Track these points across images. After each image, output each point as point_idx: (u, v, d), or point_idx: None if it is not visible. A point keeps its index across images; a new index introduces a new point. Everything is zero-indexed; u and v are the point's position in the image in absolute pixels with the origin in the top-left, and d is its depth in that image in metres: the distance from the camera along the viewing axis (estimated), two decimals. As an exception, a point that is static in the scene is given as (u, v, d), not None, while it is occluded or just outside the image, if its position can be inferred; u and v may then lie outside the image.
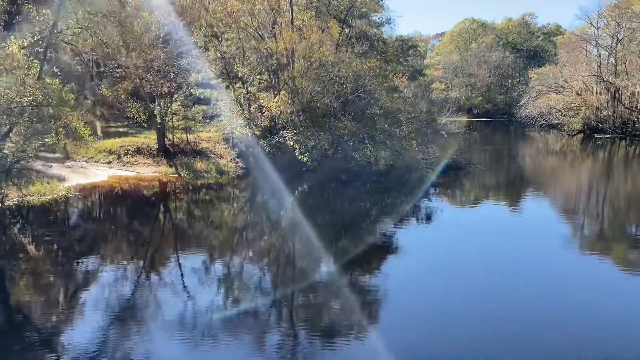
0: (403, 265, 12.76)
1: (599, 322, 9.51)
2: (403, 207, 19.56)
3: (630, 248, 14.91)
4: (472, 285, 11.24)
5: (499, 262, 12.98)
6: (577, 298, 10.66)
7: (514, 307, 10.06)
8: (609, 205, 21.91)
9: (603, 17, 56.81)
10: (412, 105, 28.57)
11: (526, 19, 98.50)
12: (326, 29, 25.13)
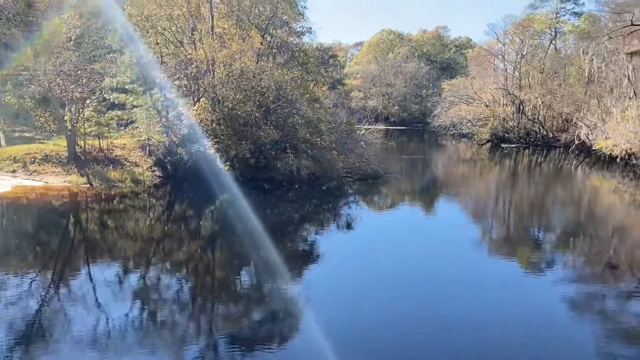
0: (324, 272, 12.99)
1: (502, 319, 10.17)
2: (324, 215, 19.91)
3: (533, 250, 16.05)
4: (390, 289, 11.62)
5: (414, 265, 13.53)
6: (485, 297, 11.32)
7: (427, 306, 10.58)
8: (514, 210, 23.47)
9: (508, 34, 60.91)
10: (332, 114, 29.16)
11: (440, 32, 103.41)
12: (247, 37, 25.07)
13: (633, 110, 36.07)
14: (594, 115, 41.98)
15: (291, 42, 30.87)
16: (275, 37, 29.82)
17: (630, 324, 10.36)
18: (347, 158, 25.21)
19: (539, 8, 73.63)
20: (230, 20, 26.30)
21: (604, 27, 46.26)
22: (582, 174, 35.81)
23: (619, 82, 42.46)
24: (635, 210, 23.10)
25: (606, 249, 16.51)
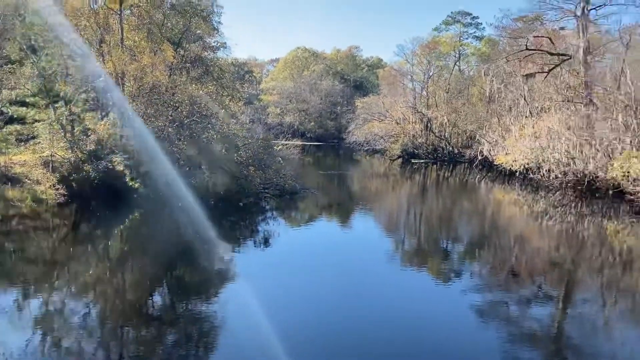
0: (241, 290, 12.79)
1: (414, 326, 10.54)
2: (241, 232, 19.68)
3: (442, 260, 16.80)
4: (308, 304, 11.67)
5: (331, 280, 13.68)
6: (399, 307, 11.66)
7: (343, 317, 10.71)
8: (425, 222, 24.49)
9: (416, 55, 63.95)
10: (249, 130, 29.03)
11: (352, 51, 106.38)
12: (159, 51, 24.45)
13: (529, 128, 38.99)
14: (495, 133, 44.88)
15: (205, 56, 30.48)
16: (189, 51, 29.31)
17: (531, 328, 11.09)
18: (265, 174, 25.16)
19: (443, 31, 78.11)
20: (141, 33, 25.55)
21: (503, 51, 49.87)
22: (485, 187, 38.09)
23: (516, 102, 45.83)
24: (534, 221, 24.87)
25: (508, 258, 17.62)
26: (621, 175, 27.44)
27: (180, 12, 26.66)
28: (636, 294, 13.86)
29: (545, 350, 9.95)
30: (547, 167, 33.87)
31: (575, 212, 26.29)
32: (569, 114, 35.87)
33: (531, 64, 44.35)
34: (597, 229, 22.52)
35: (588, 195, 29.90)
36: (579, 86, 38.63)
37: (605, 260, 17.43)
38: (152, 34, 25.70)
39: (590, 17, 38.57)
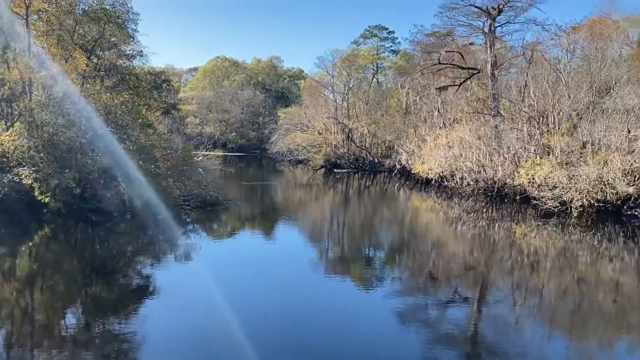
0: (160, 306, 12.38)
1: (338, 332, 10.69)
2: (160, 246, 19.05)
3: (365, 267, 17.17)
4: (231, 317, 11.48)
5: (256, 289, 13.57)
6: (323, 314, 11.78)
7: (271, 324, 10.66)
8: (348, 231, 24.93)
9: (336, 67, 65.25)
10: (167, 140, 28.25)
11: (273, 62, 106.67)
12: (71, 58, 23.28)
13: (443, 138, 40.85)
14: (412, 143, 46.59)
15: (121, 65, 29.35)
16: (103, 59, 28.12)
17: (449, 329, 11.58)
18: (185, 185, 24.56)
19: (361, 44, 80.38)
20: (51, 39, 24.22)
21: (417, 65, 52.01)
22: (404, 195, 39.40)
23: (431, 113, 47.90)
24: (449, 226, 26.03)
25: (426, 263, 18.32)
26: (527, 182, 29.38)
27: (94, 18, 25.50)
28: (543, 293, 14.86)
29: (463, 351, 10.41)
30: (460, 175, 35.61)
31: (486, 217, 27.81)
32: (479, 124, 37.98)
33: (444, 77, 46.63)
34: (507, 232, 23.94)
35: (498, 200, 31.74)
36: (487, 98, 41.09)
37: (515, 261, 18.56)
38: (62, 40, 24.40)
39: (497, 34, 41.21)
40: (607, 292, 14.85)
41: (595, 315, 12.86)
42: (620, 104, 29.11)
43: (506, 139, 33.43)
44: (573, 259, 19.10)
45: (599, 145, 28.29)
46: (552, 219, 25.78)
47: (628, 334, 11.96)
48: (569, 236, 22.74)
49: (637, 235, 23.21)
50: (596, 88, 31.72)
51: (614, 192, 25.90)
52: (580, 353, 10.80)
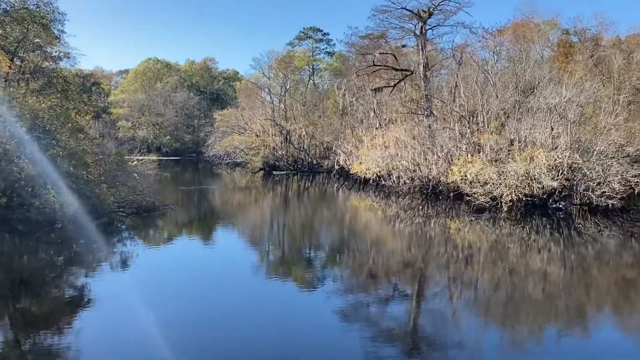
0: (97, 317, 11.91)
1: (282, 332, 10.70)
2: (95, 255, 18.30)
3: (306, 268, 17.25)
4: (173, 324, 11.24)
5: (196, 294, 13.33)
6: (267, 314, 11.74)
7: (212, 327, 10.51)
8: (288, 232, 24.95)
9: (272, 68, 65.14)
10: (99, 145, 27.20)
11: (208, 64, 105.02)
12: (-10, 60, 21.95)
13: (379, 138, 41.70)
14: (349, 143, 47.24)
15: (47, 67, 27.92)
16: (28, 62, 26.68)
17: (389, 325, 11.85)
18: (119, 191, 23.75)
19: (297, 46, 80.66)
20: (-33, 40, 22.76)
21: (353, 66, 52.83)
22: (343, 195, 39.88)
23: (367, 114, 48.79)
24: (387, 224, 26.60)
25: (366, 261, 18.64)
26: (460, 179, 30.51)
27: (16, 19, 24.14)
28: (477, 285, 15.49)
29: (403, 345, 10.69)
30: (396, 174, 36.49)
31: (422, 214, 28.64)
32: (414, 124, 39.08)
33: (379, 78, 47.61)
34: (442, 228, 24.76)
35: (433, 198, 32.78)
36: (420, 99, 42.33)
37: (450, 256, 19.23)
38: (-20, 41, 22.98)
39: (428, 37, 42.55)
40: (536, 282, 15.67)
41: (526, 304, 13.54)
42: (543, 103, 30.80)
43: (439, 138, 34.57)
44: (504, 251, 20.02)
45: (525, 142, 29.80)
46: (484, 213, 26.92)
47: (556, 320, 12.68)
48: (500, 230, 23.82)
49: (562, 227, 24.64)
50: (521, 88, 33.39)
51: (540, 186, 27.40)
52: (513, 341, 11.34)
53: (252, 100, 67.45)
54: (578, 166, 27.97)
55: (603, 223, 25.74)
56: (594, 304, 14.29)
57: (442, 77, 47.59)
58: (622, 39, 47.05)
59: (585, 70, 39.39)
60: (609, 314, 13.57)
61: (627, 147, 30.76)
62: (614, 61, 39.84)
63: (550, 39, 51.23)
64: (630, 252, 20.58)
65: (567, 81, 32.40)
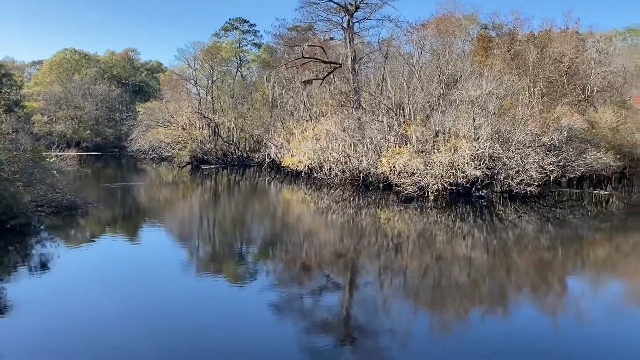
0: (16, 326, 11.15)
1: (216, 331, 10.49)
2: (10, 258, 17.13)
3: (238, 263, 17.01)
4: (99, 328, 10.72)
5: (123, 296, 12.80)
6: (199, 311, 11.46)
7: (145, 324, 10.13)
8: (219, 228, 24.50)
9: (198, 60, 63.56)
10: (12, 141, 25.40)
11: (129, 54, 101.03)
12: None
13: (310, 131, 41.83)
14: (280, 136, 47.08)
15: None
16: None
17: (323, 316, 11.91)
18: (37, 190, 22.34)
19: (223, 37, 79.21)
20: None
21: (281, 58, 52.60)
22: (274, 188, 39.71)
23: (297, 106, 48.80)
24: (319, 216, 26.76)
25: (299, 253, 18.67)
26: (389, 170, 31.21)
27: None
28: (407, 272, 15.91)
29: (337, 335, 10.78)
30: (328, 166, 36.78)
31: (354, 205, 29.06)
32: (343, 117, 39.50)
33: (308, 71, 47.71)
34: (373, 218, 25.24)
35: (364, 189, 33.35)
36: (349, 92, 42.81)
37: (381, 245, 19.64)
38: None
39: (355, 30, 43.03)
40: (461, 267, 16.31)
41: (452, 289, 14.06)
42: (465, 96, 32.04)
43: (368, 130, 35.17)
44: (431, 238, 20.70)
45: (449, 133, 30.91)
46: (412, 203, 27.72)
47: (481, 303, 13.27)
48: (427, 218, 24.60)
49: (484, 214, 25.82)
50: (445, 81, 34.55)
51: (464, 175, 28.55)
52: (441, 325, 11.73)
53: (178, 93, 65.55)
54: (498, 156, 29.38)
55: (522, 209, 27.24)
56: (514, 286, 15.07)
57: (369, 70, 48.45)
58: (535, 34, 49.73)
59: (503, 63, 41.39)
60: (527, 294, 14.35)
61: (543, 137, 32.68)
62: (528, 55, 42.07)
63: (471, 34, 53.36)
64: (547, 236, 21.89)
65: (487, 74, 33.90)
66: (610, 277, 16.63)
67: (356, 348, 10.27)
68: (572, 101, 41.91)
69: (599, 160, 34.21)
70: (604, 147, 36.59)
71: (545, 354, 9.89)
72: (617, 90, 46.59)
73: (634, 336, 11.01)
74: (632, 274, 17.08)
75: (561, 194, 34.14)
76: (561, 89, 45.29)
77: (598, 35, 60.99)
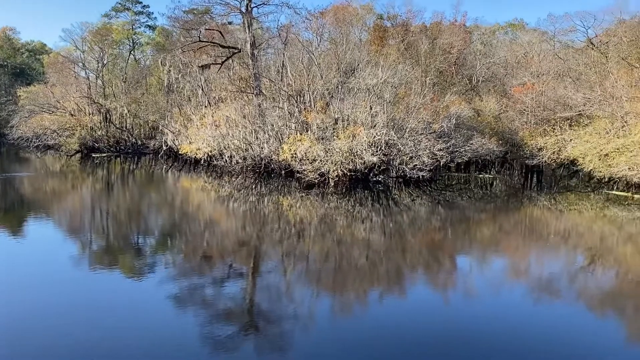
0: None
1: (111, 323, 10.03)
2: None
3: (135, 256, 16.31)
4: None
5: (10, 295, 11.80)
6: (95, 306, 10.87)
7: (30, 326, 9.44)
8: (113, 219, 23.27)
9: (87, 42, 59.59)
10: None
11: (7, 33, 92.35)
12: None
13: (209, 117, 40.88)
14: (177, 123, 45.58)
15: None
16: None
17: (226, 305, 11.79)
18: None
19: (114, 18, 74.88)
20: None
21: (177, 42, 50.72)
22: (172, 177, 38.44)
23: (195, 92, 47.43)
24: (220, 204, 26.35)
25: (200, 243, 18.27)
26: (290, 157, 31.39)
27: None
28: (309, 257, 16.17)
29: (240, 323, 10.73)
30: (228, 153, 36.24)
31: (256, 193, 28.93)
32: (244, 103, 39.05)
33: (206, 55, 46.50)
34: (275, 205, 25.30)
35: (266, 176, 33.31)
36: (249, 78, 42.34)
37: (283, 232, 19.76)
38: None
39: (254, 14, 42.51)
40: (361, 250, 16.87)
41: (352, 271, 14.52)
42: (362, 84, 32.95)
43: (269, 117, 35.07)
44: (332, 223, 21.18)
45: (348, 120, 31.66)
46: (314, 189, 28.16)
47: (379, 284, 13.83)
48: (328, 204, 25.11)
49: (381, 198, 26.85)
50: (343, 69, 35.25)
51: (362, 161, 29.45)
52: (342, 306, 12.08)
53: (64, 76, 60.99)
54: (394, 142, 30.61)
55: (415, 193, 28.67)
56: (409, 266, 15.86)
57: (269, 57, 48.20)
58: (427, 25, 52.19)
59: (398, 53, 43.02)
60: (421, 272, 15.18)
61: (434, 124, 34.51)
62: (421, 46, 44.05)
63: (367, 24, 54.83)
64: (438, 218, 23.24)
65: (383, 64, 35.06)
66: (494, 254, 18.04)
67: (259, 335, 10.29)
68: (460, 90, 44.67)
69: (483, 146, 36.85)
70: (488, 134, 39.50)
71: (438, 327, 10.54)
72: (499, 80, 50.34)
73: (514, 306, 12.07)
74: (513, 250, 18.67)
75: (450, 178, 36.39)
76: (450, 78, 48.07)
77: (483, 29, 65.38)
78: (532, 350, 9.51)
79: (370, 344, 9.79)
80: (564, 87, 41.32)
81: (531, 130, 41.62)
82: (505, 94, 46.17)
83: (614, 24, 43.58)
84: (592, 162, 33.23)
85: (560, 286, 14.00)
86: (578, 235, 21.20)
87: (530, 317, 11.28)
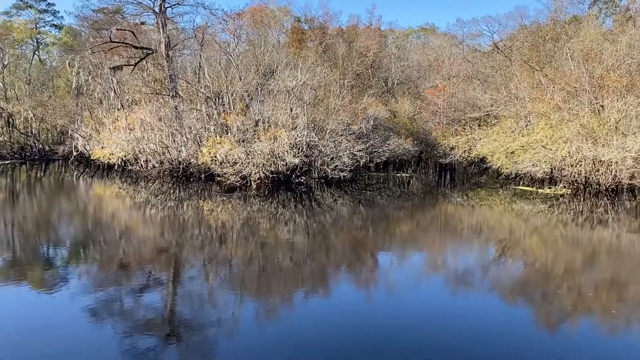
0: None
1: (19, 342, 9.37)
2: None
3: (45, 269, 15.30)
4: None
5: None
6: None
7: None
8: (19, 231, 21.71)
9: (-19, 41, 55.37)
10: None
11: None
12: None
13: (123, 120, 39.22)
14: (88, 127, 43.38)
15: None
16: None
17: (146, 316, 11.34)
18: None
19: (14, 16, 70.11)
20: None
21: (87, 42, 48.30)
22: (84, 183, 36.50)
23: (107, 94, 45.30)
24: (137, 211, 25.34)
25: (116, 253, 17.46)
26: (210, 160, 30.80)
27: None
28: (232, 262, 15.92)
29: (161, 333, 10.37)
30: (144, 157, 34.96)
31: (174, 198, 28.10)
32: (159, 105, 37.82)
33: (118, 56, 44.60)
34: (195, 210, 24.70)
35: (184, 180, 32.45)
36: (164, 79, 41.11)
37: (205, 237, 19.33)
38: None
39: (168, 15, 41.35)
40: (284, 252, 16.86)
41: (277, 274, 14.47)
42: (282, 86, 32.98)
43: (187, 119, 34.25)
44: (255, 226, 21.00)
45: (269, 122, 31.58)
46: (236, 192, 27.81)
47: (303, 285, 13.89)
48: (250, 207, 24.88)
49: (304, 199, 27.01)
50: (262, 71, 35.13)
51: (284, 163, 29.49)
52: (267, 310, 12.01)
53: (-42, 78, 56.24)
54: (315, 144, 30.90)
55: (337, 193, 29.11)
56: (332, 265, 16.05)
57: (185, 58, 47.06)
58: (344, 29, 53.20)
59: (316, 56, 43.48)
60: (344, 271, 15.41)
61: (353, 126, 35.21)
62: (338, 49, 44.81)
63: (285, 26, 54.99)
64: (359, 217, 23.72)
65: (302, 66, 35.29)
66: (413, 250, 18.68)
67: (181, 344, 9.98)
68: (376, 92, 45.92)
69: (400, 146, 38.13)
70: (404, 134, 40.91)
71: (362, 324, 10.74)
72: (413, 83, 52.28)
73: (434, 297, 12.56)
74: (430, 245, 19.42)
75: (370, 177, 37.30)
76: (367, 81, 49.28)
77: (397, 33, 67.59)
78: (451, 337, 9.94)
79: (296, 344, 9.80)
80: (473, 88, 43.66)
81: (443, 130, 43.59)
82: (419, 96, 48.05)
83: (516, 29, 46.67)
84: (499, 159, 35.35)
85: (475, 277, 14.75)
86: (489, 228, 22.44)
87: (448, 307, 11.79)
